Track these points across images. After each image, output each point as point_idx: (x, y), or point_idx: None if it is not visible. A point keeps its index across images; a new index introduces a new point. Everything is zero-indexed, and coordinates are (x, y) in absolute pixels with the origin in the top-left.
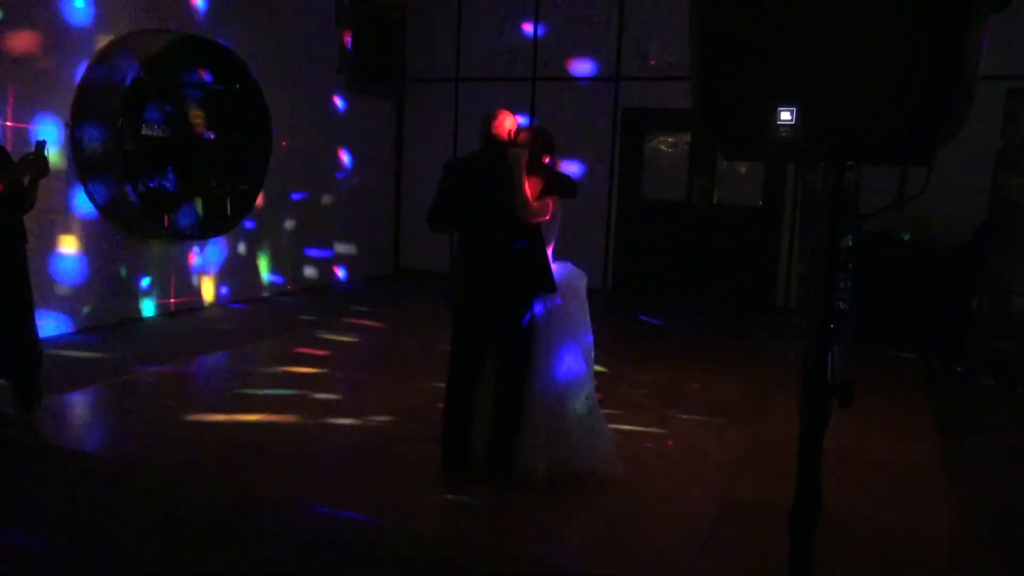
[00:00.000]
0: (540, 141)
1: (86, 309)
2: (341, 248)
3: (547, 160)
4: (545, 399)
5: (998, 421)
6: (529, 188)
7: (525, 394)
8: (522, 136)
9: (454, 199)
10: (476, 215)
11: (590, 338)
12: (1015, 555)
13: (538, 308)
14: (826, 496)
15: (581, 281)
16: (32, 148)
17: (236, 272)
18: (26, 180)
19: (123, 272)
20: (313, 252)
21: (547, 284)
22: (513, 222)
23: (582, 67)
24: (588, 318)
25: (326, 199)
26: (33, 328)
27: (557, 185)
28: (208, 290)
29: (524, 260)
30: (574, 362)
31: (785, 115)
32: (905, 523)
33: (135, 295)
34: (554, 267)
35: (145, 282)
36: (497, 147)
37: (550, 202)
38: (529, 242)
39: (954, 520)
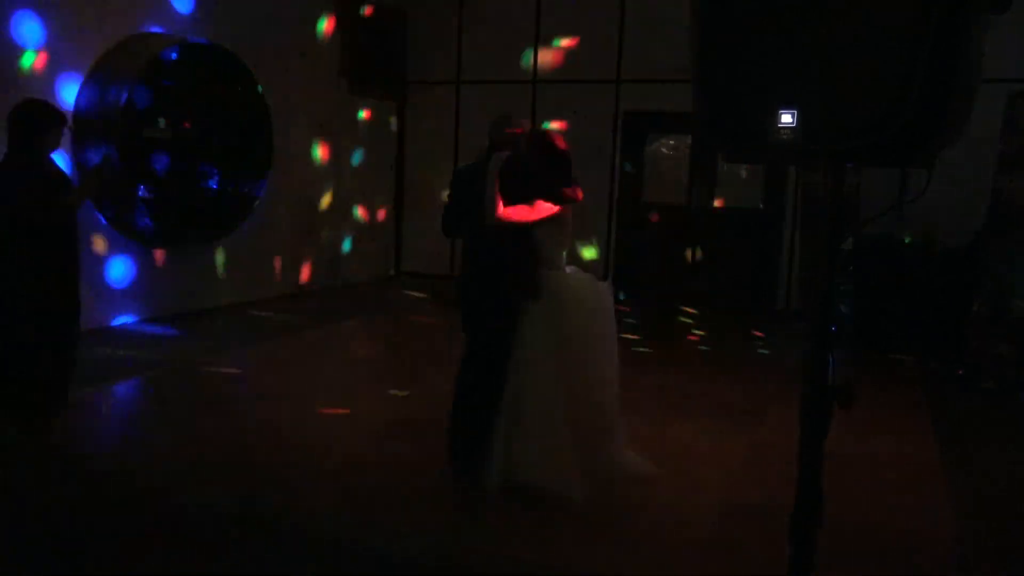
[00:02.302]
0: (531, 145)
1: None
2: (341, 250)
3: (551, 158)
4: (517, 407)
5: (998, 424)
6: (505, 193)
7: (496, 400)
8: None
9: (456, 204)
10: (470, 220)
11: (606, 359)
12: (1015, 555)
13: (521, 313)
14: (827, 498)
15: (595, 293)
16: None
17: (236, 274)
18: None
19: (125, 274)
20: (314, 254)
21: (528, 289)
22: (501, 225)
23: (583, 69)
24: (605, 335)
25: (327, 200)
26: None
27: (545, 189)
28: (205, 293)
29: (504, 263)
30: (548, 375)
31: (786, 118)
32: (905, 524)
33: (135, 297)
34: (568, 274)
35: (146, 284)
36: (492, 152)
37: (531, 207)
38: (513, 246)
39: (954, 521)
